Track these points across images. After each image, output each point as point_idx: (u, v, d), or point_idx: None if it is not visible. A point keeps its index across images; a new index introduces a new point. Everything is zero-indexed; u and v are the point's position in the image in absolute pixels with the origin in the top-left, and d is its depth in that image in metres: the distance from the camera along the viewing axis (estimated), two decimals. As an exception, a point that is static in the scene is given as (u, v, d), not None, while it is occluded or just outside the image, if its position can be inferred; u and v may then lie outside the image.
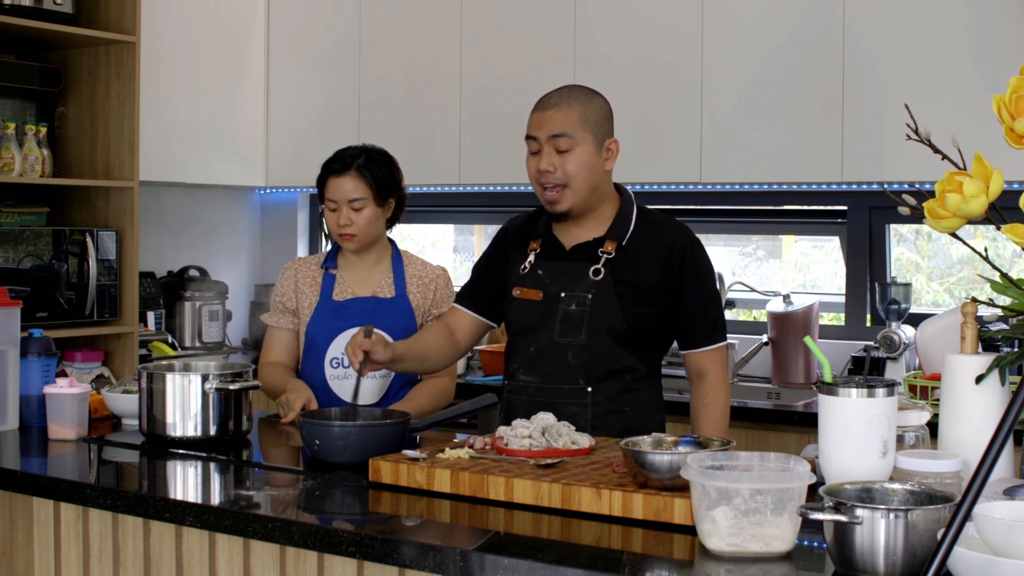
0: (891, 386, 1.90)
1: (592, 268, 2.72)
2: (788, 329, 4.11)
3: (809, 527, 1.79)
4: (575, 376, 2.72)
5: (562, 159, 2.68)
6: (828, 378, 1.96)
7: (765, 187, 4.20)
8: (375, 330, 2.72)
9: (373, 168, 3.10)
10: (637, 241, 2.74)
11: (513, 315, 2.83)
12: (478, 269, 2.96)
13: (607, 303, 2.69)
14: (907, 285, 3.99)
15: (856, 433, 1.88)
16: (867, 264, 4.25)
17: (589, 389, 2.71)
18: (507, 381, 2.84)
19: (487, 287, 2.91)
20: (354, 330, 3.00)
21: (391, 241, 3.24)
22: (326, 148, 3.22)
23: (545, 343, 2.75)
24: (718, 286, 2.77)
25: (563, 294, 2.73)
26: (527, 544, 1.88)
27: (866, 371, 3.90)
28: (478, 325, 2.92)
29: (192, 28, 4.77)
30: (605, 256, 2.72)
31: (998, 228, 1.90)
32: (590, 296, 2.70)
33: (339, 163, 3.11)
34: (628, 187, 2.87)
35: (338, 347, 3.08)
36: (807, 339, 2.07)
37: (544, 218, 2.82)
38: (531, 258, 2.81)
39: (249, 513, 2.08)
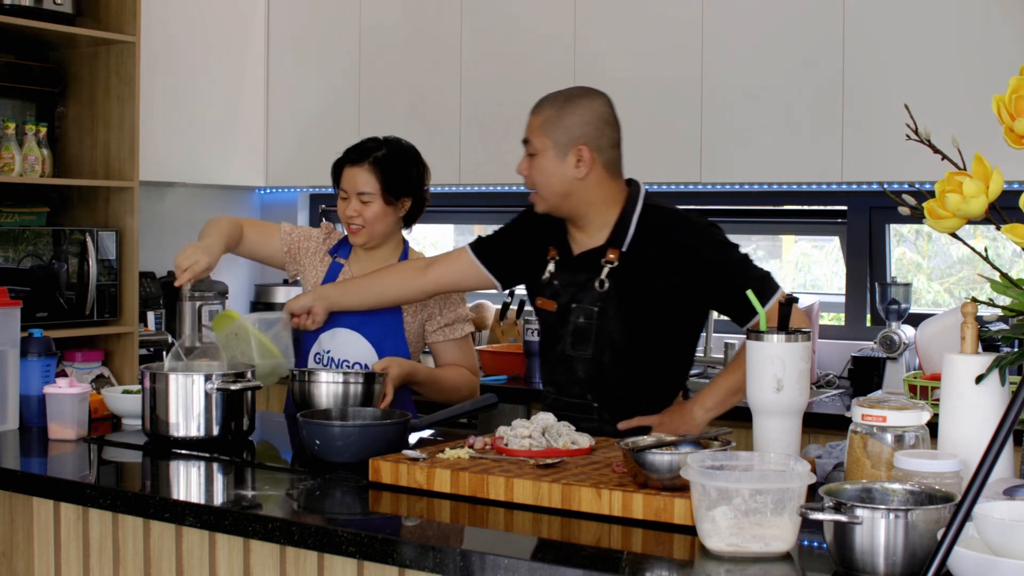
0: (797, 333, 2.13)
1: (597, 280, 2.66)
2: (788, 329, 4.10)
3: (809, 527, 1.79)
4: (583, 391, 2.70)
5: (529, 164, 2.66)
6: (763, 327, 2.21)
7: (765, 187, 4.20)
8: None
9: (388, 164, 3.06)
10: (640, 247, 2.64)
11: (540, 325, 2.83)
12: (507, 234, 2.88)
13: (612, 317, 2.64)
14: (907, 285, 3.98)
15: (755, 370, 2.16)
16: (867, 264, 4.25)
17: (596, 404, 2.69)
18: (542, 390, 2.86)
19: (504, 251, 2.85)
20: (343, 331, 3.03)
21: (405, 242, 3.18)
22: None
23: (560, 355, 2.73)
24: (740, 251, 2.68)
25: (573, 305, 2.69)
26: (527, 544, 1.88)
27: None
28: (473, 274, 2.85)
29: (192, 28, 4.77)
30: (608, 266, 2.64)
31: (998, 228, 1.90)
32: (596, 309, 2.65)
33: (355, 153, 3.09)
34: None
35: (323, 344, 3.06)
36: (749, 292, 2.29)
37: (559, 220, 2.74)
38: (551, 266, 2.75)
39: (249, 513, 2.08)
